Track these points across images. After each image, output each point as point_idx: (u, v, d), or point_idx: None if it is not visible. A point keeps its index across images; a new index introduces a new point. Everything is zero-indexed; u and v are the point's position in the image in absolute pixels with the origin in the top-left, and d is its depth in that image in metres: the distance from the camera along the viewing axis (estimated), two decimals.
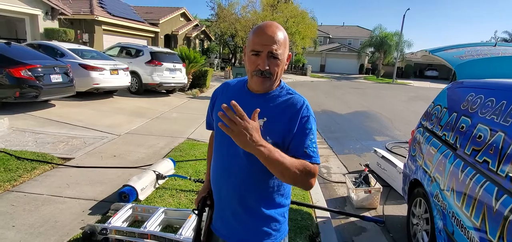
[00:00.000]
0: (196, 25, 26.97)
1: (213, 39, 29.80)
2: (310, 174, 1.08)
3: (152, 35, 20.84)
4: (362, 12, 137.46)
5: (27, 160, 3.89)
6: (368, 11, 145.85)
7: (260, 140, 0.98)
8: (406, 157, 3.47)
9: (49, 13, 12.89)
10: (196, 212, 1.35)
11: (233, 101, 0.95)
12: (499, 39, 37.47)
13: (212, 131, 1.40)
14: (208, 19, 29.47)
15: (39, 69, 6.26)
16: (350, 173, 4.89)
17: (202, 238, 1.32)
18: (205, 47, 29.93)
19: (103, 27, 16.20)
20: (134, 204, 2.90)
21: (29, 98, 6.13)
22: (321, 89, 18.81)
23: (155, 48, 11.17)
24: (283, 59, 1.12)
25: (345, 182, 4.22)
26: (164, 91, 11.21)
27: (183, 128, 6.63)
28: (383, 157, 4.65)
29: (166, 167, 3.80)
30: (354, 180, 3.94)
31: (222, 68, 25.31)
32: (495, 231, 1.64)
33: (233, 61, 29.11)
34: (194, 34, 25.66)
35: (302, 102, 1.16)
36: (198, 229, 1.34)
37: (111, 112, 7.33)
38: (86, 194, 3.27)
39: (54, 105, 7.10)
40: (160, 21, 21.08)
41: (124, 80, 9.01)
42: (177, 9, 23.70)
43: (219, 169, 1.23)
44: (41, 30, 12.59)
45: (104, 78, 8.25)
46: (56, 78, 6.60)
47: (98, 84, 8.13)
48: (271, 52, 1.07)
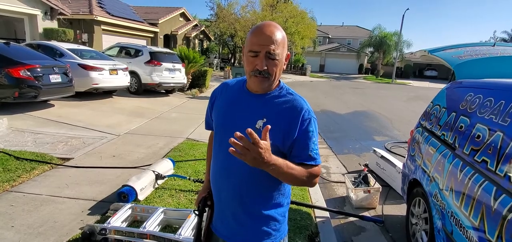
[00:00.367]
0: (196, 25, 26.96)
1: (212, 39, 29.79)
2: (315, 176, 1.15)
3: (152, 35, 20.83)
4: (361, 12, 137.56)
5: (26, 160, 3.89)
6: (367, 11, 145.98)
7: (271, 158, 0.99)
8: (405, 157, 3.47)
9: (48, 13, 12.86)
10: (197, 212, 1.35)
11: (249, 130, 0.91)
12: (498, 39, 37.55)
13: (211, 131, 1.40)
14: (208, 19, 29.47)
15: (38, 69, 6.25)
16: (349, 172, 4.90)
17: (202, 238, 1.32)
18: (204, 47, 29.91)
19: (103, 27, 16.17)
20: (133, 204, 2.90)
21: (28, 98, 6.12)
22: (320, 89, 18.81)
23: (155, 48, 11.17)
24: (281, 59, 1.12)
25: (344, 182, 4.22)
26: (164, 91, 11.20)
27: (183, 127, 6.63)
28: (382, 156, 4.65)
29: (166, 167, 3.80)
30: (353, 180, 3.94)
31: (222, 68, 25.30)
32: (494, 230, 1.64)
33: (232, 61, 29.12)
34: (193, 34, 25.66)
35: (303, 104, 1.15)
36: (198, 229, 1.34)
37: (110, 113, 7.32)
38: (85, 194, 3.27)
39: (53, 105, 7.09)
40: (160, 21, 21.07)
41: (123, 80, 9.00)
42: (176, 9, 23.68)
43: (219, 169, 1.23)
44: (40, 30, 12.57)
45: (103, 78, 8.24)
46: (55, 78, 6.59)
47: (97, 84, 8.13)
48: (269, 52, 1.07)
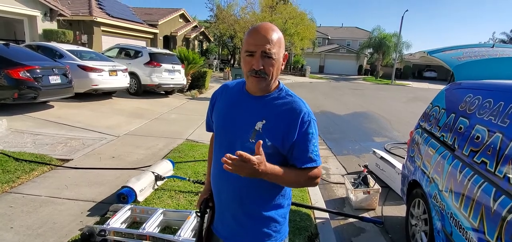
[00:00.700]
0: (195, 26, 26.99)
1: (212, 40, 29.82)
2: (315, 177, 1.16)
3: (151, 36, 20.83)
4: (361, 13, 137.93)
5: (26, 161, 3.88)
6: (366, 12, 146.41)
7: (267, 169, 1.03)
8: (404, 158, 3.47)
9: (47, 14, 12.86)
10: (199, 213, 1.36)
11: (238, 152, 0.96)
12: (497, 41, 37.56)
13: (212, 133, 1.40)
14: (207, 20, 29.51)
15: (38, 70, 6.25)
16: (349, 174, 4.90)
17: (203, 239, 1.33)
18: (204, 48, 29.94)
19: (102, 28, 16.18)
20: (133, 205, 2.90)
21: (27, 99, 6.12)
22: (320, 90, 18.82)
23: (154, 50, 11.16)
24: (278, 58, 1.12)
25: (344, 183, 4.22)
26: (163, 93, 11.20)
27: (182, 129, 6.63)
28: (381, 158, 4.66)
29: (165, 168, 3.80)
30: (353, 181, 3.94)
31: (221, 69, 25.32)
32: (493, 231, 1.64)
33: (232, 62, 29.14)
34: (193, 35, 25.69)
35: (302, 106, 1.15)
36: (200, 231, 1.35)
37: (110, 114, 7.32)
38: (85, 195, 3.27)
39: (53, 106, 7.08)
40: (159, 22, 21.08)
41: (123, 81, 9.00)
42: (176, 10, 23.71)
43: (219, 171, 1.23)
44: (39, 31, 12.57)
45: (103, 80, 8.24)
46: (54, 80, 6.59)
47: (96, 85, 8.12)
48: (265, 52, 1.07)
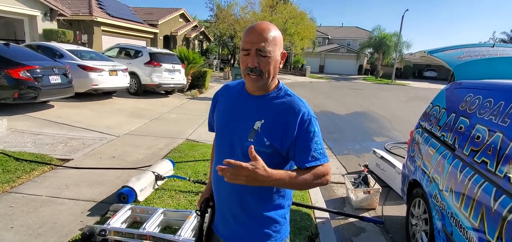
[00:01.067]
0: (195, 26, 26.98)
1: (212, 40, 29.82)
2: (322, 175, 1.12)
3: (151, 36, 20.83)
4: (361, 13, 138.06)
5: (26, 161, 3.88)
6: (367, 12, 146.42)
7: (268, 174, 1.01)
8: (405, 158, 3.47)
9: (48, 14, 12.86)
10: (199, 213, 1.36)
11: (226, 160, 0.98)
12: (497, 40, 37.57)
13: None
14: (207, 20, 29.52)
15: (38, 70, 6.25)
16: (349, 173, 4.90)
17: (203, 238, 1.33)
18: (204, 48, 29.94)
19: (102, 28, 16.17)
20: (133, 205, 2.90)
21: (27, 99, 6.12)
22: (320, 90, 18.81)
23: (154, 49, 11.16)
24: (274, 56, 1.11)
25: (344, 183, 4.22)
26: (163, 92, 11.20)
27: (182, 128, 6.63)
28: (382, 157, 4.65)
29: (165, 167, 3.80)
30: (353, 181, 3.94)
31: (221, 69, 25.32)
32: (494, 231, 1.64)
33: (232, 62, 29.12)
34: (193, 35, 25.68)
35: (301, 106, 1.14)
36: (200, 230, 1.35)
37: (110, 113, 7.32)
38: (85, 195, 3.27)
39: (53, 106, 7.09)
40: (159, 22, 21.08)
41: (123, 81, 9.00)
42: (176, 10, 23.70)
43: None
44: (40, 31, 12.56)
45: (103, 79, 8.24)
46: (55, 79, 6.59)
47: (97, 85, 8.13)
48: (260, 50, 1.07)
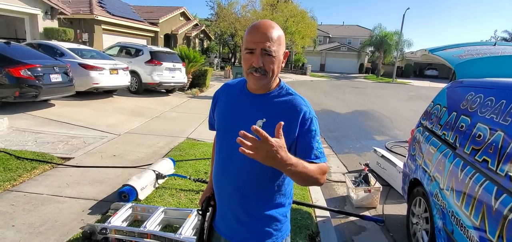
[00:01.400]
0: (196, 24, 26.96)
1: (212, 38, 29.80)
2: (323, 172, 1.12)
3: (152, 35, 20.83)
4: (362, 12, 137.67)
5: (27, 159, 3.89)
6: (368, 10, 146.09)
7: (288, 157, 0.96)
8: (405, 156, 3.47)
9: (48, 13, 12.87)
10: (200, 211, 1.36)
11: (253, 126, 0.90)
12: (499, 39, 37.43)
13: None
14: (208, 18, 29.47)
15: (39, 69, 6.25)
16: (350, 172, 4.89)
17: (204, 237, 1.33)
18: (204, 46, 29.92)
19: (103, 26, 16.18)
20: (133, 204, 2.91)
21: (28, 98, 6.13)
22: (321, 89, 18.79)
23: (155, 48, 11.15)
24: (278, 56, 1.11)
25: (345, 181, 4.22)
26: (164, 91, 11.20)
27: (183, 127, 6.63)
28: (383, 156, 4.65)
29: (166, 166, 3.81)
30: (354, 179, 3.94)
31: (222, 68, 25.31)
32: (495, 230, 1.64)
33: (232, 60, 29.11)
34: (193, 34, 25.67)
35: (303, 104, 1.15)
36: (201, 228, 1.35)
37: (110, 112, 7.32)
38: (86, 194, 3.27)
39: (54, 105, 7.09)
40: (160, 21, 21.07)
41: (123, 79, 9.00)
42: (176, 8, 23.68)
43: (220, 169, 1.23)
44: (40, 30, 12.57)
45: (103, 78, 8.24)
46: (55, 78, 6.59)
47: (97, 83, 8.12)
48: (265, 49, 1.07)
